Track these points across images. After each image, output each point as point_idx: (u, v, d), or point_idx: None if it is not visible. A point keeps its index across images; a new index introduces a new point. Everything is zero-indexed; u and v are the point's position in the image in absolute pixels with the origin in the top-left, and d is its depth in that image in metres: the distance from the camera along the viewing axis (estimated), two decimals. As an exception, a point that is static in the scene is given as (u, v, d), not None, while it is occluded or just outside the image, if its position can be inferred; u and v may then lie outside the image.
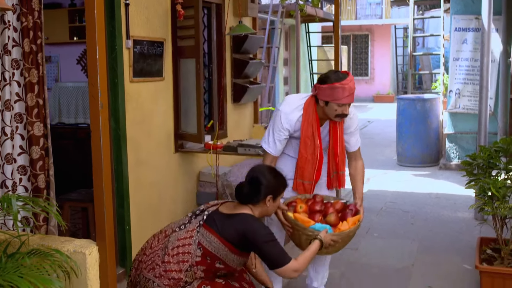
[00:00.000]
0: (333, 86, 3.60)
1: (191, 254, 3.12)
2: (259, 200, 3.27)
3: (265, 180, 3.29)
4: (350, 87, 3.61)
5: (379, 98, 22.57)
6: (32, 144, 3.56)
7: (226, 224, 3.17)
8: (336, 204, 3.72)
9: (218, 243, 3.13)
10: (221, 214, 3.24)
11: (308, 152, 3.80)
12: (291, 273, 3.16)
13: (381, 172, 9.12)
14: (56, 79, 8.18)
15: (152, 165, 4.96)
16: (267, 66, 10.73)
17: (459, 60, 8.75)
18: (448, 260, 5.03)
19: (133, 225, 4.66)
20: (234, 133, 6.61)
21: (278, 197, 3.37)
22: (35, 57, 3.54)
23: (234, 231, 3.15)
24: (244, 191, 3.28)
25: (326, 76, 3.67)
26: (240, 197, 3.30)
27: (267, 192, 3.28)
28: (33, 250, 2.72)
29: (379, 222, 6.28)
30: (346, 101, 3.64)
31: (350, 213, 3.63)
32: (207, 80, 6.21)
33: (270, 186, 3.29)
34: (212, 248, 3.13)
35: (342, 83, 3.59)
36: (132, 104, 4.62)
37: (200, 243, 3.15)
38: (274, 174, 3.38)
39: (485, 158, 4.27)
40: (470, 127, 8.76)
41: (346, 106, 3.67)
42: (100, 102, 2.70)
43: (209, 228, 3.17)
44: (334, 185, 3.97)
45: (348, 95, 3.62)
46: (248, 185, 3.29)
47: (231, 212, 3.25)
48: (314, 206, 3.66)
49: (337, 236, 3.41)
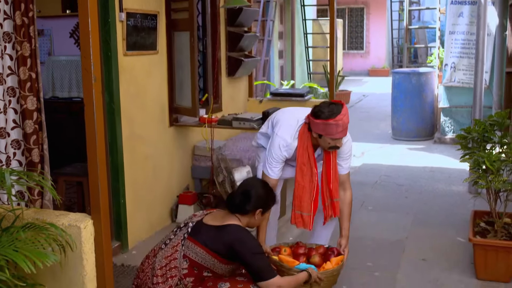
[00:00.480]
0: (327, 123, 3.55)
1: (178, 268, 3.13)
2: (249, 212, 3.31)
3: (258, 193, 3.37)
4: (343, 123, 3.56)
5: (374, 72, 22.49)
6: (26, 118, 3.53)
7: (213, 236, 3.18)
8: (318, 248, 3.82)
9: (205, 254, 3.14)
10: (207, 226, 3.24)
11: (305, 180, 3.80)
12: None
13: (376, 146, 9.14)
14: (49, 53, 8.09)
15: (147, 139, 4.94)
16: (261, 39, 10.66)
17: (455, 34, 8.70)
18: (442, 233, 5.06)
19: (128, 199, 4.66)
20: (228, 107, 6.59)
21: (266, 212, 3.44)
22: (27, 30, 3.49)
23: (221, 243, 3.15)
24: (237, 200, 3.32)
25: (319, 110, 3.60)
26: (231, 206, 3.33)
27: (258, 205, 3.33)
28: (28, 224, 2.72)
29: (373, 196, 6.30)
30: (339, 136, 3.62)
31: (333, 254, 3.73)
32: (201, 53, 6.16)
33: (262, 199, 3.37)
34: (198, 258, 3.15)
35: (336, 119, 3.54)
36: (126, 78, 4.59)
37: (186, 255, 3.16)
38: (267, 189, 3.48)
39: (480, 132, 4.27)
40: (465, 101, 8.75)
41: (340, 139, 3.66)
42: (93, 75, 2.67)
43: (194, 240, 3.18)
44: (329, 213, 3.92)
45: (341, 130, 3.58)
46: (241, 195, 3.33)
47: (218, 223, 3.25)
48: (298, 250, 3.76)
49: (323, 274, 3.47)
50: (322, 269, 3.54)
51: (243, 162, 5.54)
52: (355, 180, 6.93)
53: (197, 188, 5.74)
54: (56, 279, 2.88)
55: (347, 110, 3.65)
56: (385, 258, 4.56)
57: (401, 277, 4.22)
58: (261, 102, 7.17)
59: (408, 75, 9.41)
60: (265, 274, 3.14)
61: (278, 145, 3.77)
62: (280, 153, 3.76)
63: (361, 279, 4.18)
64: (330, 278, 3.56)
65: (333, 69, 6.25)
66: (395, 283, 4.11)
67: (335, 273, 3.58)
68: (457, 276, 4.20)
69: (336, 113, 3.55)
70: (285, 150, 3.76)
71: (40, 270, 2.74)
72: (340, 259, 3.66)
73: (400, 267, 4.40)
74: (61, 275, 2.86)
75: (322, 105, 3.63)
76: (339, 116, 3.54)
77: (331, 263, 3.62)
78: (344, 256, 3.74)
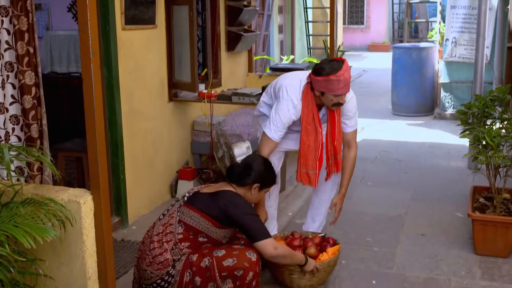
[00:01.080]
0: (328, 79, 3.51)
1: (173, 233, 3.14)
2: (246, 184, 3.31)
3: (259, 168, 3.36)
4: (345, 78, 3.52)
5: (374, 47, 22.38)
6: (24, 93, 3.51)
7: (208, 201, 3.19)
8: (314, 238, 3.83)
9: (199, 217, 3.15)
10: (202, 194, 3.26)
11: (310, 139, 3.76)
12: (272, 249, 3.17)
13: (375, 121, 9.12)
14: (47, 28, 8.02)
15: (146, 114, 4.92)
16: (261, 13, 10.57)
17: (456, 8, 8.62)
18: (441, 209, 5.08)
19: (127, 175, 4.66)
20: (228, 81, 6.56)
21: (263, 189, 3.42)
22: (24, 3, 3.45)
23: (216, 207, 3.16)
24: (236, 170, 3.33)
25: (320, 67, 3.56)
26: (230, 175, 3.34)
27: (257, 180, 3.32)
28: (27, 199, 2.71)
29: (373, 171, 6.31)
30: (342, 92, 3.57)
31: (328, 245, 3.74)
32: (200, 27, 6.11)
33: (262, 175, 3.36)
34: (193, 222, 3.16)
35: (337, 75, 3.50)
36: (125, 52, 4.56)
37: (181, 220, 3.17)
38: (269, 167, 3.46)
39: (480, 107, 4.26)
40: (465, 76, 8.71)
41: (343, 95, 3.62)
42: (91, 50, 2.64)
43: (190, 206, 3.19)
44: (332, 170, 3.93)
45: (343, 86, 3.54)
46: (242, 167, 3.34)
47: (213, 191, 3.27)
48: (293, 242, 3.73)
49: (320, 265, 3.51)
50: (319, 261, 3.57)
51: (243, 138, 5.53)
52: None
53: (197, 163, 5.74)
54: (56, 254, 2.89)
55: (348, 66, 3.61)
56: (384, 234, 4.58)
57: (400, 252, 4.24)
58: (261, 77, 7.14)
59: (408, 50, 9.35)
60: (261, 234, 3.16)
61: (287, 107, 3.69)
62: (289, 116, 3.70)
63: (360, 254, 4.20)
64: (327, 269, 3.60)
65: (333, 44, 6.21)
66: (394, 258, 4.14)
67: (331, 263, 3.62)
68: (456, 251, 4.22)
69: (337, 69, 3.51)
70: (293, 113, 3.70)
71: (40, 246, 2.74)
72: (336, 249, 3.69)
73: (399, 242, 4.41)
74: (61, 251, 2.87)
75: (323, 62, 3.61)
76: (340, 72, 3.51)
77: (327, 253, 3.64)
78: (339, 245, 3.76)
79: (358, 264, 4.06)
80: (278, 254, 3.22)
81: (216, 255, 3.10)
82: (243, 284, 3.10)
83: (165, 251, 3.10)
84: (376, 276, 3.88)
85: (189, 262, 3.10)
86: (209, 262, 3.08)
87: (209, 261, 3.08)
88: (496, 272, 3.90)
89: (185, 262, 3.11)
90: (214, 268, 3.07)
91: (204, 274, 3.08)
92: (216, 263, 3.07)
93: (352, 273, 3.93)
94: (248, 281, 3.10)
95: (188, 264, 3.10)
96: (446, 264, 4.03)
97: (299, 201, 5.32)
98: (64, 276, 2.91)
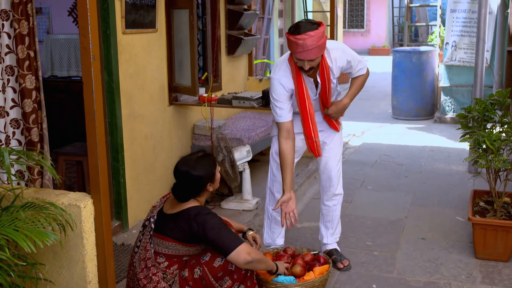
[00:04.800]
0: (288, 38, 3.38)
1: (155, 266, 3.10)
2: (200, 192, 3.19)
3: (197, 171, 3.14)
4: (304, 43, 3.30)
5: (374, 51, 22.40)
6: (25, 97, 3.52)
7: (174, 225, 3.11)
8: (305, 256, 3.69)
9: (174, 245, 3.12)
10: (166, 217, 3.17)
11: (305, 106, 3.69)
12: (246, 256, 3.01)
13: (376, 125, 9.13)
14: (48, 31, 8.04)
15: (146, 118, 4.93)
16: (261, 17, 10.57)
17: (456, 12, 8.64)
18: (441, 213, 5.08)
19: (128, 179, 4.66)
20: (228, 85, 6.56)
21: (215, 177, 3.24)
22: (25, 7, 3.46)
23: (182, 231, 3.08)
24: (182, 191, 3.15)
25: (292, 25, 3.41)
26: (180, 197, 3.16)
27: (205, 182, 3.18)
28: (28, 203, 2.72)
29: (373, 175, 6.31)
30: (300, 57, 3.38)
31: (318, 264, 3.60)
32: (200, 31, 6.12)
33: (205, 174, 3.17)
34: (171, 251, 3.12)
35: (296, 37, 3.31)
36: (125, 56, 4.56)
37: (158, 251, 3.13)
38: (200, 160, 3.21)
39: (481, 111, 4.26)
40: (465, 80, 8.72)
41: (304, 61, 3.41)
42: (92, 54, 2.65)
43: (160, 235, 3.14)
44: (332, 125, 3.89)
45: (301, 51, 3.34)
46: (183, 183, 3.15)
47: (175, 210, 3.16)
48: (280, 259, 3.61)
49: (300, 285, 3.33)
50: (303, 280, 3.43)
51: (243, 141, 5.53)
52: (355, 159, 6.96)
53: (197, 167, 5.72)
54: (57, 258, 2.89)
55: (322, 33, 3.36)
56: (385, 238, 4.58)
57: (400, 256, 4.24)
58: (261, 81, 7.14)
59: (408, 54, 9.36)
60: (230, 247, 3.02)
61: (277, 82, 3.61)
62: (279, 90, 3.60)
63: (361, 258, 4.20)
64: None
65: (334, 48, 6.20)
66: (395, 262, 4.13)
67: (316, 283, 3.42)
68: (456, 255, 4.21)
69: (301, 32, 3.31)
70: (283, 87, 3.59)
71: (40, 250, 2.75)
72: (324, 269, 3.52)
73: (399, 246, 4.41)
74: (62, 255, 2.87)
75: (300, 21, 3.43)
76: (302, 36, 3.30)
77: (314, 273, 3.49)
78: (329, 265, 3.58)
79: (359, 268, 4.06)
80: (253, 258, 3.06)
81: (204, 261, 3.08)
82: (240, 275, 3.07)
83: (158, 282, 3.06)
84: (377, 280, 3.88)
85: (183, 280, 3.08)
86: (200, 271, 3.06)
87: (200, 270, 3.06)
88: (496, 276, 3.90)
89: (180, 282, 3.08)
90: (207, 275, 3.05)
91: (201, 284, 3.06)
92: (207, 269, 3.05)
93: (352, 277, 3.92)
94: (243, 270, 3.08)
95: (183, 282, 3.08)
96: (446, 268, 4.02)
97: (300, 204, 5.32)
98: (64, 280, 2.91)
